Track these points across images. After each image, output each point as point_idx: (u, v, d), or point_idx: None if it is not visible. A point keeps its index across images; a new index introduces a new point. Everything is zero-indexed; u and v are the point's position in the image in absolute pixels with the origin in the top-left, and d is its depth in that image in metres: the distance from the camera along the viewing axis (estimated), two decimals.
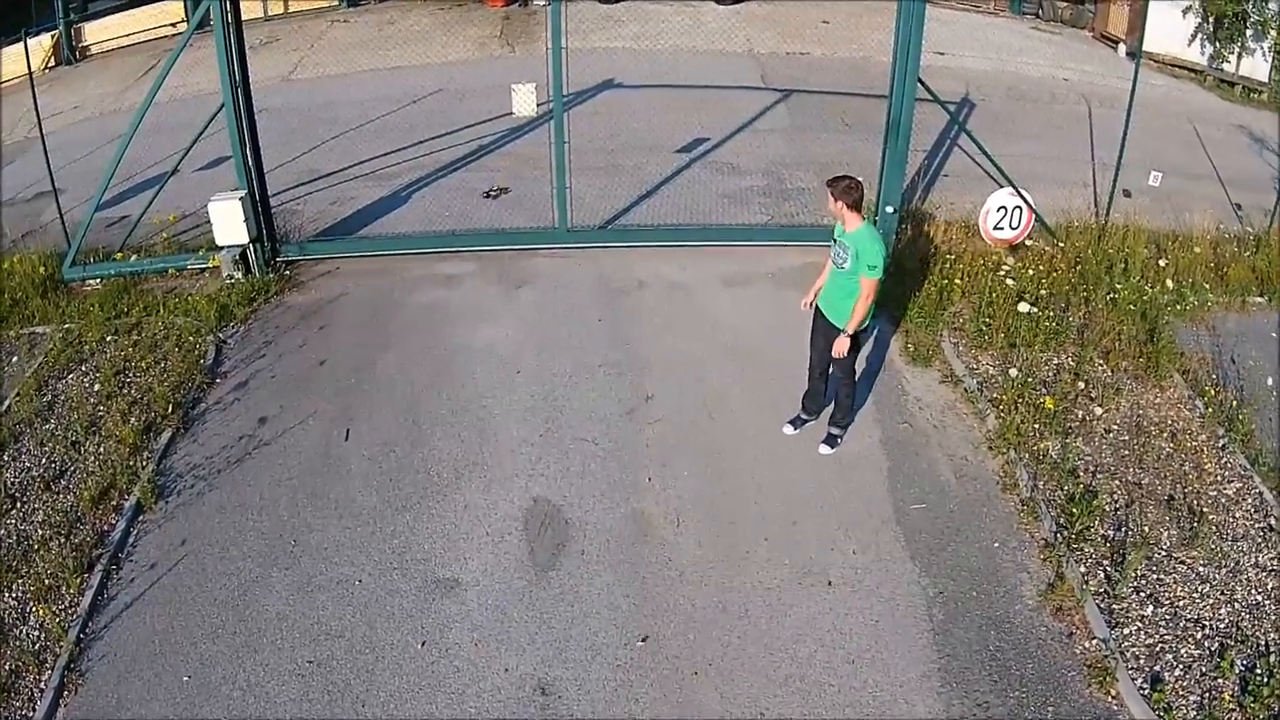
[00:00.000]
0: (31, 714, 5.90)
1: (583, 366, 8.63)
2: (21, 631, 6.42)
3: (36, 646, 6.31)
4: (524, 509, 7.16)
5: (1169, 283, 9.30)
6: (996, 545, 6.73)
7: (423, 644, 6.22)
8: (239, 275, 9.53)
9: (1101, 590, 6.28)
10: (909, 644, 6.06)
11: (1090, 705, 5.67)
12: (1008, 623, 6.16)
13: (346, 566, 6.73)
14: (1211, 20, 16.04)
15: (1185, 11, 15.93)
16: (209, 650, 6.30)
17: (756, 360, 8.61)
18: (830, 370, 7.48)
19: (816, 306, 7.38)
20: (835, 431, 7.67)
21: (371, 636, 6.27)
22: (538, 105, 10.22)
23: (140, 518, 7.26)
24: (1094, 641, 6.00)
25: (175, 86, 10.76)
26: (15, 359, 9.01)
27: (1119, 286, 9.07)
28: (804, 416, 7.86)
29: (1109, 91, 14.27)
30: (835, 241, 7.09)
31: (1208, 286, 9.50)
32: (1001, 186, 9.81)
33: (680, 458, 7.61)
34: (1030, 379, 8.10)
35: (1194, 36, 16.28)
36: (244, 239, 9.42)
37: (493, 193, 11.61)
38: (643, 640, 6.15)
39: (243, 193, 9.44)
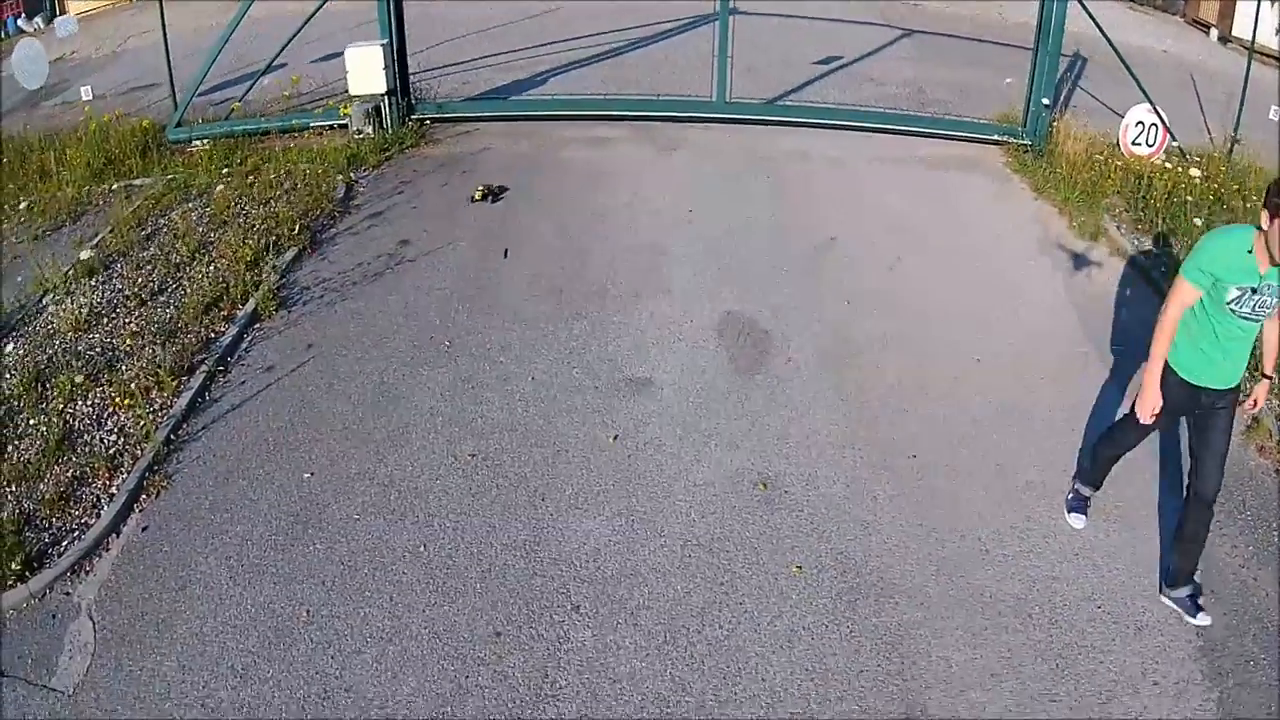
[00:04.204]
0: (93, 521, 4.92)
1: (758, 214, 8.12)
2: (94, 438, 5.48)
3: (110, 452, 5.35)
4: (717, 320, 6.55)
5: None
6: None
7: (615, 438, 5.31)
8: (369, 130, 8.82)
9: None
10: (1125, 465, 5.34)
11: None
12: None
13: (513, 365, 5.86)
14: None
15: (1274, 2, 16.07)
16: (339, 448, 5.35)
17: (925, 226, 8.10)
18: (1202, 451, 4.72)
19: (1183, 383, 4.64)
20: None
21: (550, 431, 5.33)
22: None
23: (256, 325, 6.37)
24: None
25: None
26: (112, 206, 8.20)
27: (1255, 199, 8.86)
28: (1088, 493, 5.32)
29: (1207, 66, 14.42)
30: (1254, 291, 4.44)
31: None
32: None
33: (876, 290, 7.11)
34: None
35: None
36: (381, 88, 8.84)
37: None
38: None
39: (384, 40, 8.78)
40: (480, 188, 8.12)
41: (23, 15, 15.33)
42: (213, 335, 6.24)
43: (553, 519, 4.80)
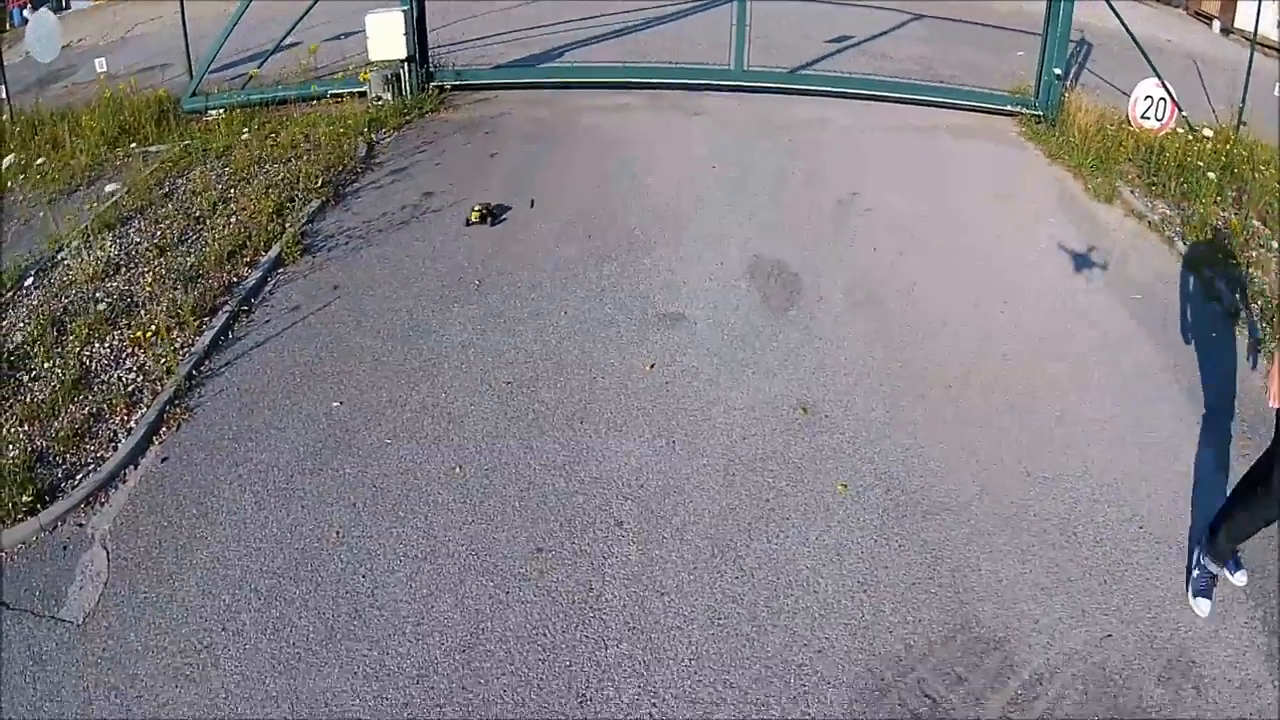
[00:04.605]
0: (108, 455, 4.81)
1: (781, 171, 8.17)
2: (112, 376, 5.38)
3: (129, 389, 5.26)
4: (747, 263, 6.59)
5: None
6: (1214, 335, 6.36)
7: (651, 366, 5.28)
8: (389, 96, 8.79)
9: None
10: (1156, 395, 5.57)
11: None
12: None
13: (545, 302, 5.83)
14: None
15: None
16: (369, 378, 5.27)
17: (943, 186, 8.13)
18: None
19: None
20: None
21: (585, 360, 5.29)
22: None
23: (280, 270, 6.29)
24: None
25: None
26: (128, 169, 8.10)
27: (1262, 169, 9.17)
28: (1215, 570, 4.29)
29: (1209, 54, 14.61)
30: None
31: None
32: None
33: (901, 238, 7.12)
34: (1206, 221, 7.88)
35: None
36: (401, 54, 8.84)
37: None
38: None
39: (405, 6, 8.79)
40: (477, 208, 7.00)
41: (29, 6, 15.36)
42: (235, 280, 6.15)
43: (591, 440, 4.75)
